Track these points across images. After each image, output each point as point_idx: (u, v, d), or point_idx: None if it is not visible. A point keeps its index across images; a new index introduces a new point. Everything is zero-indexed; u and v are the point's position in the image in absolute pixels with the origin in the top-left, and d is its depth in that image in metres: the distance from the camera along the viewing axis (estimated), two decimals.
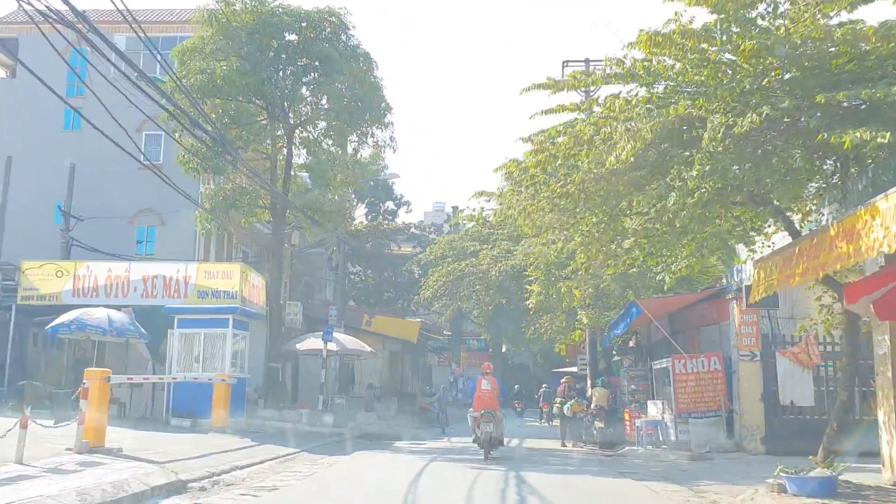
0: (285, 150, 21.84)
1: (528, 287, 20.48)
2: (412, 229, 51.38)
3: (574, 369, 40.92)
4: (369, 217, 52.17)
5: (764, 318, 16.58)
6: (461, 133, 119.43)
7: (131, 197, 28.05)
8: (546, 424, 30.68)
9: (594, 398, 20.07)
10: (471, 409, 15.84)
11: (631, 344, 28.60)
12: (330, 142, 22.31)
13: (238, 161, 18.78)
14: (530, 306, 20.10)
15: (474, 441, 15.52)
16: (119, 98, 13.05)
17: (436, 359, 44.91)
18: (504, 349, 56.66)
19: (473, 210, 25.21)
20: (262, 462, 13.45)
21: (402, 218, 54.26)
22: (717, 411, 16.48)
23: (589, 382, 26.29)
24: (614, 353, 27.40)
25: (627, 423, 19.52)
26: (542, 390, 33.50)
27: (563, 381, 22.71)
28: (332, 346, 22.41)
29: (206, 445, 14.76)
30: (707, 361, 16.94)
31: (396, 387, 33.81)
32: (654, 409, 18.09)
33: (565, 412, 20.49)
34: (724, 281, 17.55)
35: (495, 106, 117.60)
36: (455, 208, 47.88)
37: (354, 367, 31.13)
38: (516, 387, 35.89)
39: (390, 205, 55.10)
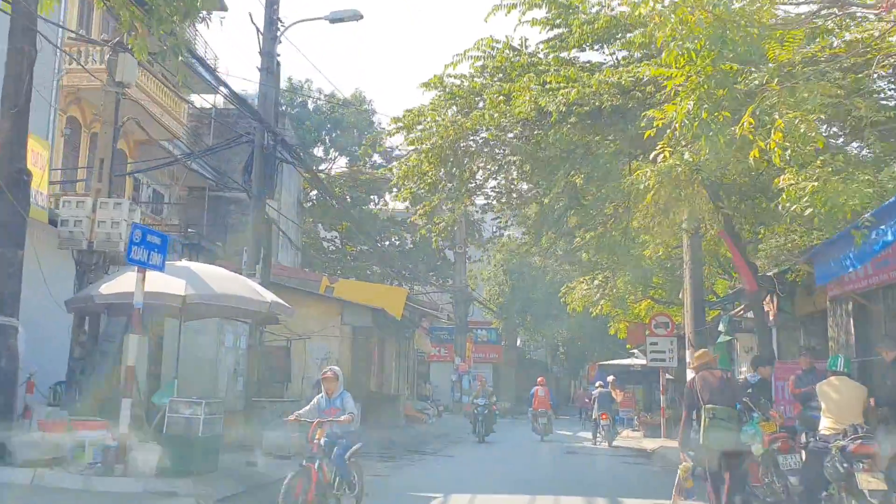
0: None
1: (650, 109, 7.70)
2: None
3: (634, 361, 28.82)
4: None
5: None
6: None
7: None
8: (606, 446, 20.00)
9: (824, 403, 7.43)
10: (530, 409, 22.20)
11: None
12: None
13: None
14: (670, 126, 7.29)
15: (533, 430, 21.35)
16: None
17: (427, 342, 32.28)
18: (519, 342, 46.54)
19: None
20: None
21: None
22: None
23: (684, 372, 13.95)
24: (721, 328, 16.04)
25: None
26: (595, 393, 22.30)
27: (695, 358, 9.34)
28: (184, 288, 9.34)
29: None
30: None
31: (365, 386, 21.16)
32: None
33: (752, 444, 7.86)
34: None
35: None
36: None
37: (292, 350, 18.56)
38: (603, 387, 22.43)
39: (378, 159, 44.83)
